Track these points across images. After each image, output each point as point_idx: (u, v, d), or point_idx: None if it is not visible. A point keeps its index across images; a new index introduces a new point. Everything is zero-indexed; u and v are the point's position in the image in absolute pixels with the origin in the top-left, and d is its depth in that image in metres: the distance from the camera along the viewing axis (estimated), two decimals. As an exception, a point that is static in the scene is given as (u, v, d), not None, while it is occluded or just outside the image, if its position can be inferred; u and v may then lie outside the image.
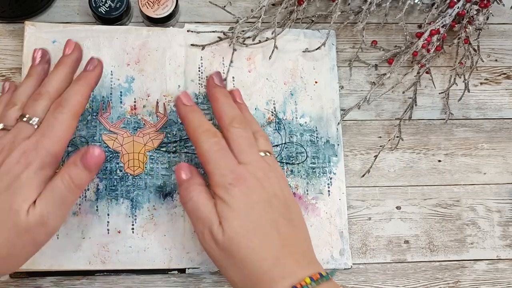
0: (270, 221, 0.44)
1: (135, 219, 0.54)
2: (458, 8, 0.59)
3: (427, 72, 0.61)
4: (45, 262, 0.51)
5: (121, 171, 0.54)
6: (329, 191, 0.57)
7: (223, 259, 0.44)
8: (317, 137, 0.58)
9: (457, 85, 0.61)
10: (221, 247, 0.43)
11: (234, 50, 0.58)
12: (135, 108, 0.56)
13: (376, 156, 0.58)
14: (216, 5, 0.60)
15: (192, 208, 0.45)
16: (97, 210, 0.53)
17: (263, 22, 0.59)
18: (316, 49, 0.59)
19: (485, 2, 0.59)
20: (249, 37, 0.59)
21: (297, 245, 0.45)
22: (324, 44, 0.59)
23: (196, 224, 0.45)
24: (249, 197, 0.44)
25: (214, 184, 0.45)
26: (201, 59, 0.59)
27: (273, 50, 0.58)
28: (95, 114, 0.56)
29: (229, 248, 0.43)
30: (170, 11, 0.58)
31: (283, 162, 0.57)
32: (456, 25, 0.61)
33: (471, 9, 0.60)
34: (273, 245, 0.43)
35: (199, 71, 0.58)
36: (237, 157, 0.46)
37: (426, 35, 0.59)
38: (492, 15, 0.62)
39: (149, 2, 0.58)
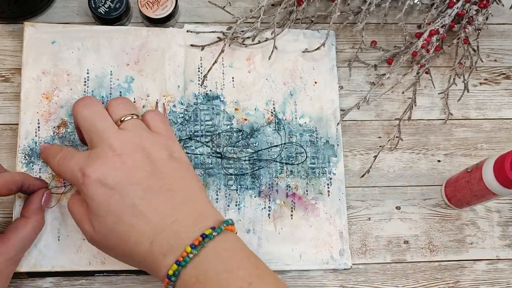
0: (131, 204, 0.41)
1: (135, 220, 0.54)
2: (457, 8, 0.59)
3: (426, 72, 0.61)
4: (45, 263, 0.51)
5: (120, 171, 0.54)
6: (328, 191, 0.57)
7: (107, 251, 0.44)
8: (316, 137, 0.58)
9: (456, 85, 0.61)
10: (97, 242, 0.43)
11: (222, 51, 0.58)
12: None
13: (375, 156, 0.58)
14: (215, 5, 0.60)
15: (71, 215, 0.46)
16: (97, 210, 0.53)
17: (262, 23, 0.59)
18: (316, 49, 0.59)
19: (485, 2, 0.59)
20: (248, 38, 0.59)
21: (175, 212, 0.42)
22: (323, 44, 0.59)
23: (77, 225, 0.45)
24: (103, 187, 0.42)
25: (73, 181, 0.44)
26: (201, 59, 0.59)
27: (272, 50, 0.58)
28: (94, 114, 0.56)
29: (103, 243, 0.43)
30: (170, 11, 0.58)
31: (283, 163, 0.57)
32: (455, 25, 0.61)
33: (470, 9, 0.60)
34: (144, 226, 0.41)
35: (198, 71, 0.58)
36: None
37: (425, 35, 0.59)
38: (492, 15, 0.62)
39: (148, 2, 0.58)
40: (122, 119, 0.45)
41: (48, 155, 0.48)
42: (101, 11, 0.57)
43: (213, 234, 0.41)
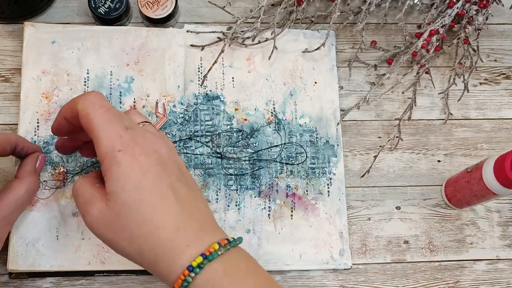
0: (166, 185, 0.40)
1: (135, 220, 0.54)
2: (457, 8, 0.59)
3: (426, 72, 0.61)
4: (45, 262, 0.51)
5: (120, 171, 0.54)
6: (328, 191, 0.57)
7: (113, 235, 0.40)
8: (316, 137, 0.58)
9: (456, 85, 0.61)
10: (106, 223, 0.39)
11: (222, 51, 0.58)
12: (134, 108, 0.56)
13: (375, 156, 0.58)
14: (215, 5, 0.60)
15: (75, 198, 0.42)
16: (96, 210, 0.53)
17: (262, 23, 0.59)
18: (316, 49, 0.59)
19: (485, 2, 0.59)
20: (248, 38, 0.59)
21: (199, 210, 0.41)
22: (323, 44, 0.59)
23: (79, 210, 0.41)
24: (140, 162, 0.39)
25: (101, 154, 0.39)
26: (201, 60, 0.59)
27: (272, 50, 0.58)
28: (94, 114, 0.56)
29: (116, 222, 0.39)
30: (170, 11, 0.58)
31: (283, 163, 0.57)
32: (455, 25, 0.61)
33: (470, 9, 0.60)
34: (172, 211, 0.39)
35: (198, 71, 0.58)
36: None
37: (425, 35, 0.59)
38: (492, 15, 0.62)
39: (148, 2, 0.58)
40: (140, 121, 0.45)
41: (92, 100, 0.41)
42: (101, 11, 0.57)
43: (236, 242, 0.40)
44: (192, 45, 0.59)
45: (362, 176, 0.59)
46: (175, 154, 0.43)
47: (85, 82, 0.56)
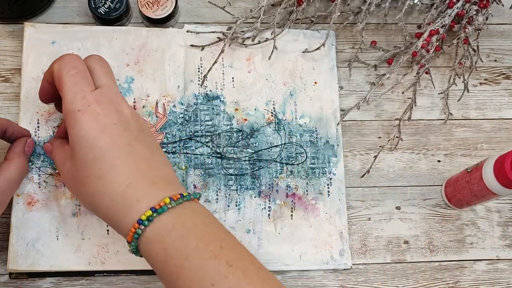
0: (123, 144, 0.41)
1: (135, 220, 0.54)
2: (457, 8, 0.59)
3: (426, 73, 0.61)
4: (45, 262, 0.51)
5: (120, 171, 0.54)
6: (328, 191, 0.57)
7: (77, 190, 0.43)
8: (316, 137, 0.58)
9: (456, 85, 0.61)
10: (71, 178, 0.43)
11: (222, 51, 0.58)
12: (134, 109, 0.56)
13: (375, 157, 0.58)
14: (215, 5, 0.60)
15: (53, 159, 0.46)
16: (96, 210, 0.53)
17: (262, 23, 0.59)
18: (316, 49, 0.59)
19: (485, 2, 0.59)
20: (248, 38, 0.59)
21: (156, 168, 0.43)
22: (323, 44, 0.59)
23: (58, 169, 0.45)
24: (98, 121, 0.41)
25: (64, 112, 0.42)
26: (201, 60, 0.59)
27: (272, 50, 0.58)
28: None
29: (77, 177, 0.42)
30: (170, 11, 0.58)
31: (283, 163, 0.57)
32: (455, 26, 0.61)
33: (470, 10, 0.60)
34: (125, 168, 0.41)
35: (198, 71, 0.58)
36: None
37: (425, 35, 0.59)
38: (492, 15, 0.62)
39: (148, 2, 0.58)
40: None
41: (66, 61, 0.43)
42: (101, 11, 0.57)
43: (191, 196, 0.42)
44: (192, 45, 0.59)
45: (362, 176, 0.59)
46: (137, 115, 0.45)
47: (85, 82, 0.56)
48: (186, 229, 0.39)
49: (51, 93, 0.47)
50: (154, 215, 0.39)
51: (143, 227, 0.39)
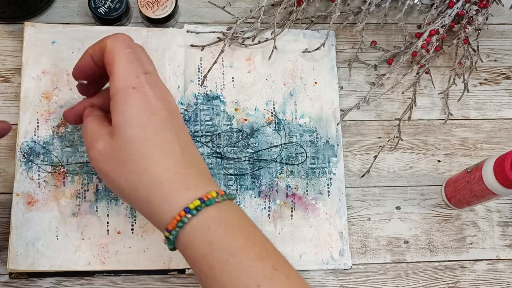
0: (172, 130, 0.41)
1: (135, 220, 0.54)
2: (457, 8, 0.59)
3: (426, 73, 0.61)
4: (45, 262, 0.51)
5: (120, 171, 0.54)
6: (328, 191, 0.57)
7: (112, 168, 0.40)
8: (316, 137, 0.58)
9: (456, 85, 0.61)
10: (108, 156, 0.40)
11: (222, 51, 0.58)
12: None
13: (375, 157, 0.58)
14: (215, 5, 0.60)
15: (83, 135, 0.43)
16: (96, 211, 0.53)
17: (262, 23, 0.59)
18: (316, 49, 0.59)
19: (485, 2, 0.59)
20: (248, 38, 0.59)
21: (198, 161, 0.42)
22: (323, 44, 0.59)
23: (86, 146, 0.42)
24: (151, 104, 0.40)
25: (114, 88, 0.40)
26: (201, 60, 0.59)
27: (272, 50, 0.58)
28: (94, 114, 0.56)
29: (118, 156, 0.39)
30: (170, 11, 0.58)
31: (283, 163, 0.57)
32: (455, 26, 0.61)
33: (470, 10, 0.60)
34: (174, 154, 0.40)
35: (198, 71, 0.58)
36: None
37: (425, 35, 0.59)
38: (492, 15, 0.62)
39: (148, 2, 0.58)
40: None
41: (122, 39, 0.42)
42: (101, 11, 0.57)
43: (232, 196, 0.41)
44: (192, 45, 0.59)
45: (362, 176, 0.59)
46: (179, 110, 0.44)
47: (85, 82, 0.56)
48: (232, 225, 0.39)
49: (90, 71, 0.45)
50: (202, 205, 0.38)
51: (190, 215, 0.37)
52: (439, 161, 0.60)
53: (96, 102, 0.45)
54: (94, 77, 0.45)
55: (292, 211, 0.56)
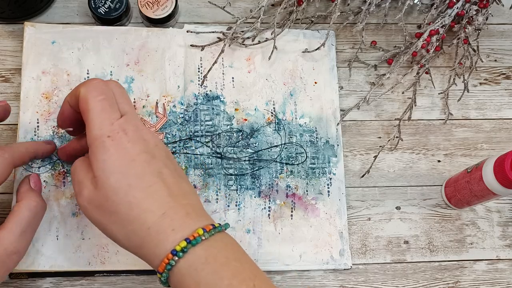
0: (154, 172, 0.41)
1: (135, 220, 0.54)
2: (457, 8, 0.59)
3: (426, 73, 0.61)
4: (45, 262, 0.51)
5: (120, 171, 0.54)
6: (328, 191, 0.57)
7: (102, 218, 0.41)
8: (316, 137, 0.58)
9: (456, 85, 0.61)
10: (95, 205, 0.40)
11: (222, 51, 0.58)
12: (135, 109, 0.56)
13: (375, 157, 0.58)
14: (215, 5, 0.60)
15: (72, 178, 0.44)
16: (96, 210, 0.53)
17: (262, 23, 0.59)
18: (316, 49, 0.59)
19: (485, 2, 0.59)
20: (248, 38, 0.59)
21: (186, 197, 0.42)
22: (323, 44, 0.59)
23: (74, 190, 0.43)
24: (128, 149, 0.41)
25: (90, 137, 0.41)
26: (201, 60, 0.59)
27: (272, 50, 0.58)
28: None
29: (105, 206, 0.40)
30: (170, 11, 0.58)
31: (283, 163, 0.57)
32: (455, 26, 0.61)
33: (470, 10, 0.60)
34: (159, 196, 0.40)
35: (198, 71, 0.58)
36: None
37: (425, 35, 0.59)
38: (492, 15, 0.62)
39: (148, 2, 0.58)
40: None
41: (94, 86, 0.42)
42: (101, 11, 0.57)
43: (222, 228, 0.42)
44: (192, 45, 0.59)
45: (362, 176, 0.59)
46: (162, 143, 0.44)
47: (85, 82, 0.56)
48: (219, 263, 0.39)
49: (72, 118, 0.46)
50: (189, 246, 0.39)
51: (177, 258, 0.38)
52: (439, 161, 0.60)
53: (85, 144, 0.45)
54: (77, 122, 0.46)
55: (292, 211, 0.56)
